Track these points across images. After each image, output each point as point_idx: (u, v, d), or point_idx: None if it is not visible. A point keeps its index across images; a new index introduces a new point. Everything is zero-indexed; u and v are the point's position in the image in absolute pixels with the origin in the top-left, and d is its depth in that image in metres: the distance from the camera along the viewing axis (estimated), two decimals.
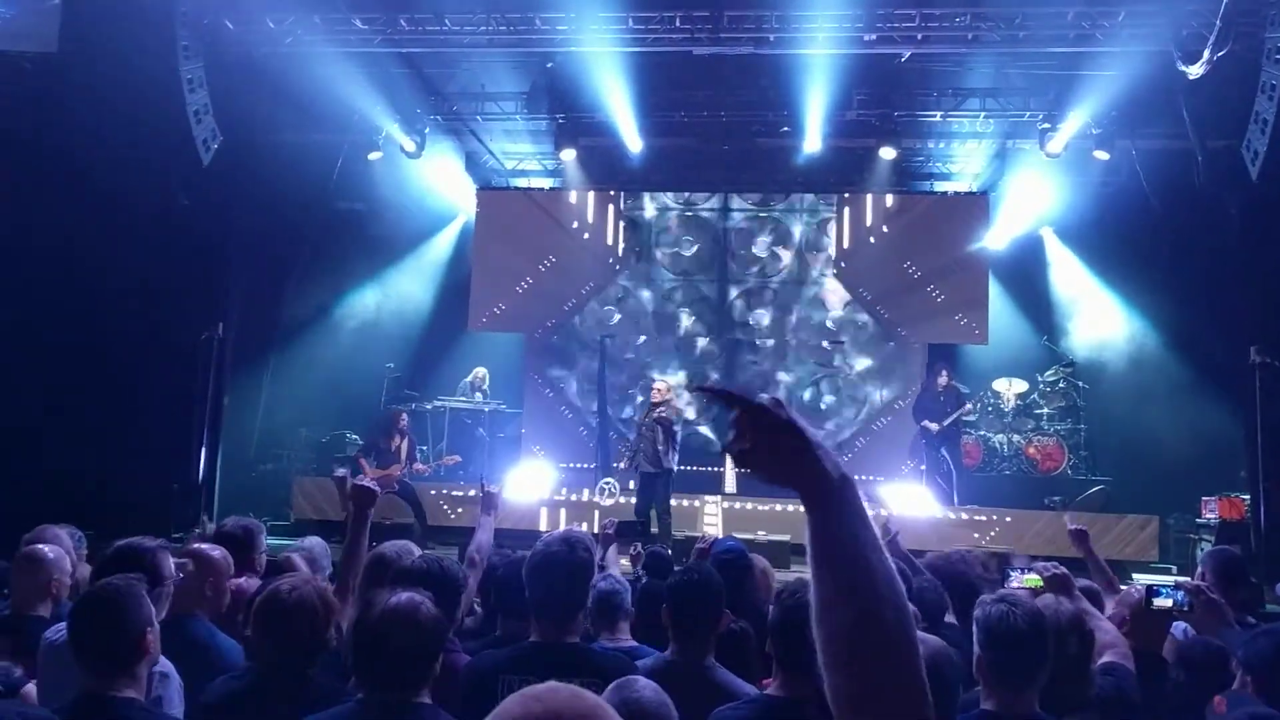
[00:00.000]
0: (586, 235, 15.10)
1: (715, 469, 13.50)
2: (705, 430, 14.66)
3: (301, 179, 13.13)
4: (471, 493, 12.24)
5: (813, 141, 13.46)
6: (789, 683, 3.09)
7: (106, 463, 10.51)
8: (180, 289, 11.42)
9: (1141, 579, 10.43)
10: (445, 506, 12.15)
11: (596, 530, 6.95)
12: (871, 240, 14.71)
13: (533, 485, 12.24)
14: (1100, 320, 14.05)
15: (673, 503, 11.58)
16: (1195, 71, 10.08)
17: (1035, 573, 3.88)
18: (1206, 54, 9.83)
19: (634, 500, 10.99)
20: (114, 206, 10.64)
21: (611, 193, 15.12)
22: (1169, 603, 4.13)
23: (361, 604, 2.90)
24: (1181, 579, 4.77)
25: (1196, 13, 10.06)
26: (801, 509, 1.47)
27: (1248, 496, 10.76)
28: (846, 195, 14.76)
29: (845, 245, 14.78)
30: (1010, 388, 13.76)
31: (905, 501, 11.83)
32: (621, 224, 15.16)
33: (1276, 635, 3.27)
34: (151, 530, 4.01)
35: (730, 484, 13.04)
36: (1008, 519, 11.67)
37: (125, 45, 10.05)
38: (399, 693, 2.72)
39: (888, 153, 13.44)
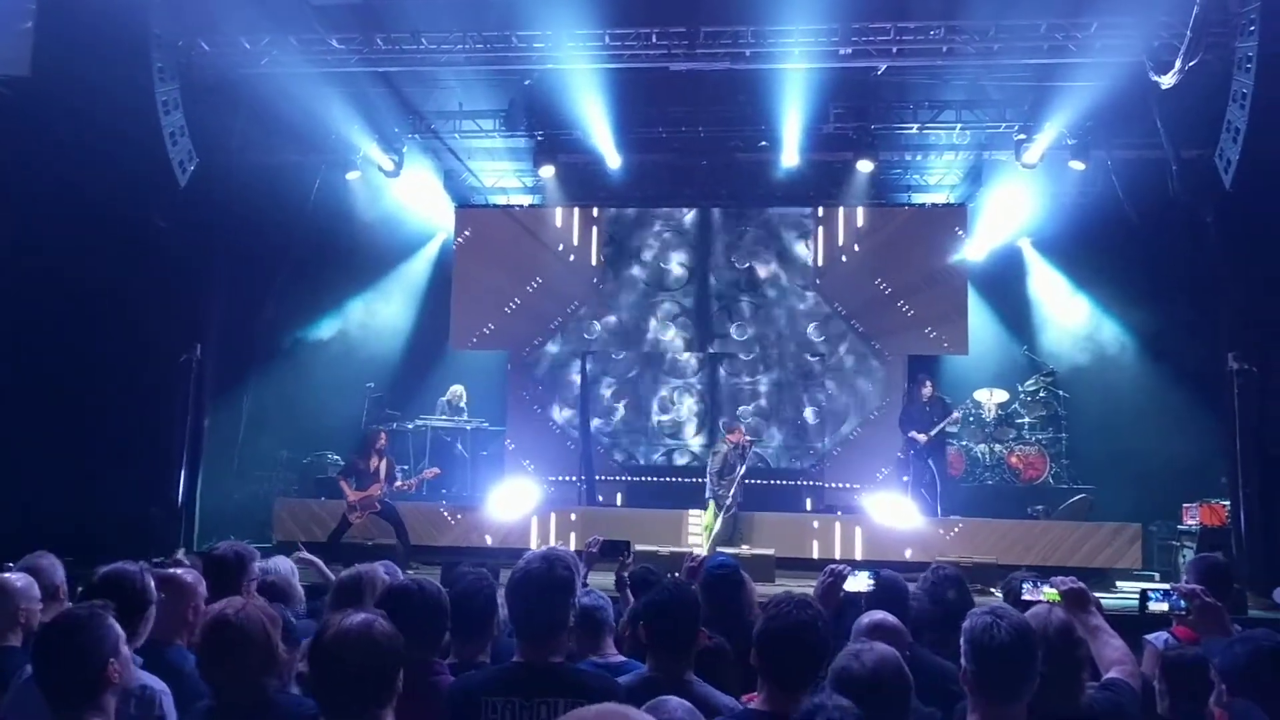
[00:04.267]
0: (568, 252, 15.10)
1: (699, 479, 13.49)
2: (693, 446, 14.69)
3: (279, 199, 13.08)
4: (455, 511, 12.25)
5: (791, 155, 13.53)
6: (774, 697, 3.06)
7: (85, 487, 10.41)
8: (158, 311, 11.33)
9: (1126, 586, 10.50)
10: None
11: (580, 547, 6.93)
12: (850, 253, 14.75)
13: (519, 501, 12.23)
14: (1079, 329, 14.14)
15: (656, 517, 12.25)
16: (1167, 81, 10.18)
17: (1052, 586, 3.84)
18: (1178, 64, 9.94)
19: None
20: (90, 229, 10.57)
21: (592, 209, 15.13)
22: (1164, 607, 4.08)
23: (318, 626, 2.87)
24: (1178, 584, 4.76)
25: (1168, 23, 10.17)
26: (787, 523, 1.50)
27: (1228, 502, 10.81)
28: (825, 208, 14.82)
29: (824, 258, 14.82)
30: (991, 398, 13.80)
31: (887, 512, 11.87)
32: (602, 239, 15.17)
33: (1252, 642, 3.25)
34: (131, 555, 3.95)
35: None
36: (991, 529, 11.68)
37: (99, 67, 10.00)
38: (358, 715, 2.66)
39: (865, 166, 13.50)
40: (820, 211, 14.84)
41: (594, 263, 15.10)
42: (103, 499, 10.41)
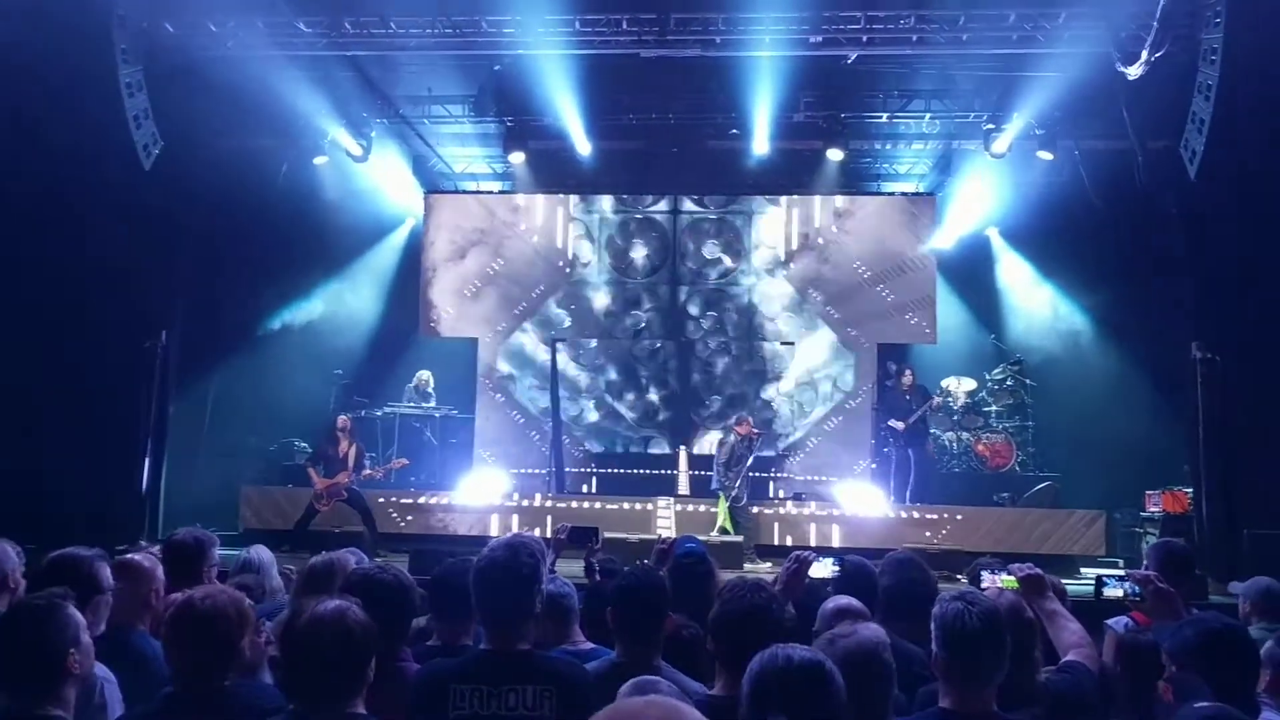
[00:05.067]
0: (537, 238, 15.05)
1: (669, 471, 13.53)
2: (661, 435, 14.69)
3: (246, 184, 12.90)
4: (422, 499, 12.20)
5: (761, 144, 13.53)
6: (732, 682, 3.05)
7: (48, 474, 10.26)
8: (122, 297, 11.17)
9: (1090, 573, 10.60)
10: (394, 514, 12.04)
11: (549, 535, 6.93)
12: (821, 242, 14.79)
13: (485, 490, 12.21)
14: (1046, 318, 14.26)
15: (625, 505, 12.04)
16: (1134, 72, 10.26)
17: (1009, 573, 3.88)
18: (1144, 55, 10.02)
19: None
20: (53, 213, 10.40)
21: (561, 195, 15.08)
22: (1119, 593, 4.14)
23: (289, 614, 2.84)
24: (1133, 570, 4.83)
25: (1134, 15, 10.24)
26: (757, 512, 1.51)
27: (1190, 490, 10.94)
28: (795, 197, 14.84)
29: (794, 247, 14.85)
30: (959, 386, 13.90)
31: (856, 499, 11.95)
32: (572, 227, 15.12)
33: (1201, 624, 3.30)
34: (95, 543, 3.89)
35: (684, 486, 13.05)
36: (958, 516, 11.76)
37: (60, 48, 9.82)
38: (329, 703, 2.65)
39: (835, 154, 13.53)
40: (791, 199, 14.87)
41: (563, 249, 15.05)
42: (66, 487, 10.25)
